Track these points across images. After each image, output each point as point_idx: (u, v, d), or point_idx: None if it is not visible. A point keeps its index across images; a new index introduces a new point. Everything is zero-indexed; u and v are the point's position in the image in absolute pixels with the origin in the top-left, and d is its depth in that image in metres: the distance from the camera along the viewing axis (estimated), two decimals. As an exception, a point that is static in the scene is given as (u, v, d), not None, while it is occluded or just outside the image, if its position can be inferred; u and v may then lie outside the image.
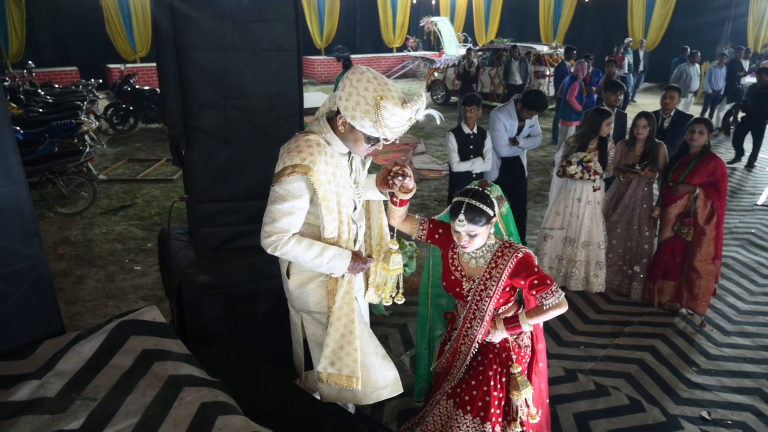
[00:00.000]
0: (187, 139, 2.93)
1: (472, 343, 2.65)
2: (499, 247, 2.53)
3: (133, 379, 2.23)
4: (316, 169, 2.33)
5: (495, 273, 2.51)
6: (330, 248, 2.46)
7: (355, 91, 2.21)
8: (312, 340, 2.72)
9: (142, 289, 5.27)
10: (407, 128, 2.33)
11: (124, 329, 2.50)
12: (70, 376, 2.24)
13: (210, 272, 3.03)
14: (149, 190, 8.25)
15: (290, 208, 2.37)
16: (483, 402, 2.61)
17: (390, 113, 2.20)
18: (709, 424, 3.47)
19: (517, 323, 2.57)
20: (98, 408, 2.08)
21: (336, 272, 2.50)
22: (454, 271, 2.64)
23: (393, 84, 2.29)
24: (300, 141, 2.38)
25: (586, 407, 3.60)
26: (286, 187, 2.35)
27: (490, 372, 2.63)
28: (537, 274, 2.47)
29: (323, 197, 2.38)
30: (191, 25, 2.77)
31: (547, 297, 2.46)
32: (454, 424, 2.63)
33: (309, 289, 2.59)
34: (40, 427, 2.00)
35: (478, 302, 2.57)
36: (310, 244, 2.43)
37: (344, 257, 2.48)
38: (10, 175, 2.31)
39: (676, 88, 5.61)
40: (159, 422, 2.02)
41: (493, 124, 5.19)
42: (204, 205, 3.14)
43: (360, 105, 2.21)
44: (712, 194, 4.32)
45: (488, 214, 2.41)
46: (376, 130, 2.24)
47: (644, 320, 4.62)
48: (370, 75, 2.25)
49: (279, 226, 2.38)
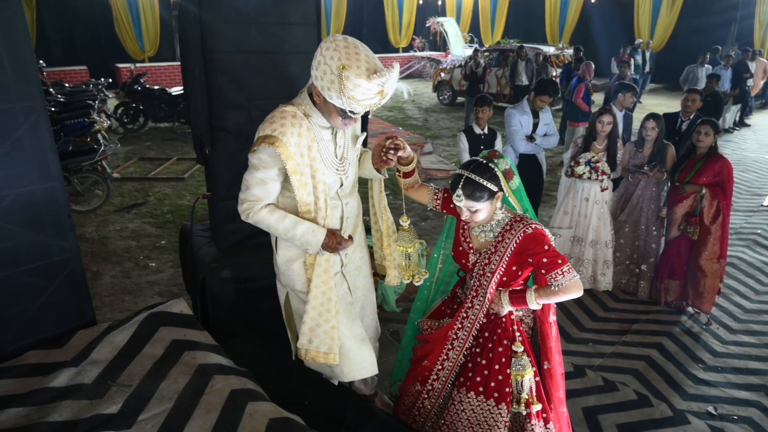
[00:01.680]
0: (212, 138, 3.03)
1: (472, 326, 2.52)
2: (509, 222, 2.39)
3: (165, 368, 2.34)
4: (285, 141, 2.27)
5: (500, 248, 2.37)
6: (304, 223, 2.41)
7: (323, 60, 2.11)
8: (297, 314, 2.71)
9: (157, 285, 5.37)
10: (377, 101, 2.18)
11: (153, 320, 2.60)
12: (104, 364, 2.35)
13: (232, 267, 3.14)
14: (161, 188, 8.35)
15: (262, 178, 2.35)
16: (496, 382, 2.47)
17: (353, 84, 2.07)
18: (716, 419, 3.54)
19: (523, 298, 2.40)
20: (134, 394, 2.19)
21: (310, 248, 2.45)
22: (462, 242, 2.53)
23: (368, 53, 2.15)
24: (276, 112, 2.34)
25: (594, 402, 3.68)
26: (258, 155, 2.32)
27: (500, 348, 2.49)
28: (547, 252, 2.29)
29: (293, 170, 2.32)
30: (217, 29, 2.87)
31: (557, 277, 2.27)
32: (467, 408, 2.51)
33: (295, 267, 2.56)
34: (80, 411, 2.10)
35: (480, 277, 2.45)
36: (284, 216, 2.39)
37: (318, 234, 2.41)
38: (48, 173, 2.42)
39: (698, 91, 5.66)
40: (192, 408, 2.12)
41: (509, 120, 5.26)
42: (227, 202, 3.24)
43: (326, 74, 2.10)
44: (718, 194, 4.40)
45: (489, 189, 2.29)
46: (342, 101, 2.13)
47: (651, 318, 4.70)
48: (340, 43, 2.12)
49: (252, 193, 2.37)
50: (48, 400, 2.15)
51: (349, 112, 2.19)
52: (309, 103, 2.36)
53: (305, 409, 2.25)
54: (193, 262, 3.36)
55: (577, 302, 4.90)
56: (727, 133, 12.20)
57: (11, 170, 2.32)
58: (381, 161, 2.45)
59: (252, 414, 2.08)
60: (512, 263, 2.38)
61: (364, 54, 2.12)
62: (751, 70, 12.84)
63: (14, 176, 2.33)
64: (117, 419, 2.07)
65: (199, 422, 2.05)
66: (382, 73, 2.08)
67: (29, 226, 2.43)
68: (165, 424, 2.05)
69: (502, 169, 2.37)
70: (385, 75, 2.08)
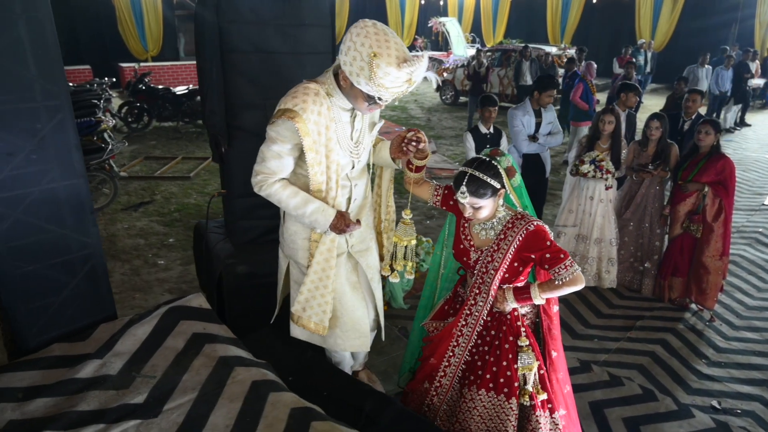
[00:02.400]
0: (228, 137, 3.10)
1: (476, 322, 2.55)
2: (511, 219, 2.42)
3: (187, 360, 2.41)
4: (305, 117, 2.29)
5: (503, 245, 2.40)
6: (315, 202, 2.43)
7: (353, 45, 2.12)
8: (294, 283, 2.75)
9: (167, 282, 5.43)
10: (405, 89, 2.21)
11: (173, 314, 2.67)
12: (128, 356, 2.41)
13: (248, 263, 3.21)
14: (167, 187, 8.40)
15: (278, 151, 2.37)
16: (505, 378, 2.51)
17: (384, 72, 2.09)
18: (719, 412, 3.60)
19: (528, 294, 2.44)
20: (158, 385, 2.26)
21: (317, 227, 2.47)
22: (463, 240, 2.55)
23: (397, 40, 2.17)
24: (299, 87, 2.36)
25: (601, 396, 3.74)
26: (276, 128, 2.35)
27: (506, 345, 2.53)
28: (549, 248, 2.34)
29: (309, 147, 2.34)
30: (235, 30, 2.94)
31: (560, 272, 2.32)
32: (479, 405, 2.55)
33: (299, 240, 2.60)
34: (107, 401, 2.17)
35: (483, 275, 2.48)
36: (296, 192, 2.42)
37: (327, 214, 2.43)
38: (73, 169, 2.49)
39: (699, 92, 5.73)
40: (216, 397, 2.19)
41: (511, 120, 5.32)
42: (242, 199, 3.31)
43: (356, 61, 2.12)
44: (721, 192, 4.47)
45: (493, 186, 2.31)
46: (371, 88, 2.15)
47: (655, 315, 4.76)
48: (371, 29, 2.13)
49: (267, 166, 2.39)
50: (75, 391, 2.22)
51: (377, 99, 2.22)
52: (333, 84, 2.37)
53: (324, 401, 2.31)
54: (209, 258, 3.43)
55: (582, 299, 4.97)
56: (728, 132, 12.28)
57: (37, 167, 2.38)
58: (400, 151, 2.50)
59: (274, 404, 2.15)
60: (515, 260, 2.42)
61: (394, 41, 2.14)
62: (752, 70, 12.92)
63: (40, 173, 2.40)
64: (143, 408, 2.14)
65: (223, 411, 2.12)
66: (412, 63, 2.11)
67: (54, 222, 2.50)
68: (190, 412, 2.12)
69: (504, 167, 2.41)
70: (414, 64, 2.11)
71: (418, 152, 2.49)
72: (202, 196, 7.90)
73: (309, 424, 2.05)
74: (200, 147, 10.73)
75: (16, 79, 2.27)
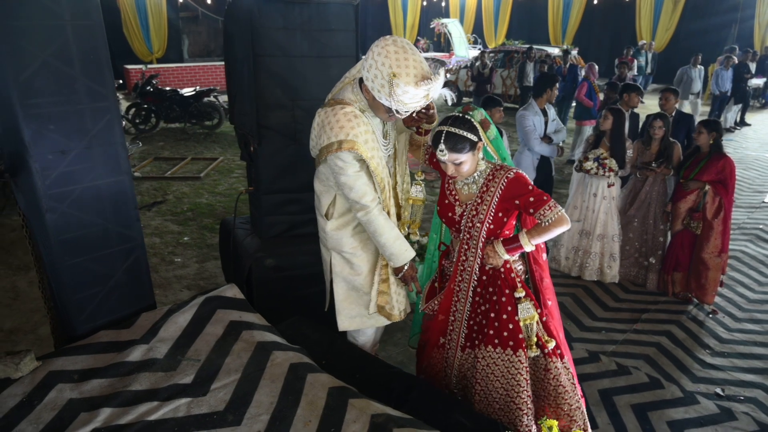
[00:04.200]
0: (259, 137, 3.27)
1: (470, 277, 2.60)
2: (491, 171, 2.49)
3: (227, 344, 2.57)
4: (361, 140, 2.46)
5: (486, 197, 2.47)
6: (403, 240, 2.65)
7: (375, 64, 2.27)
8: (338, 276, 2.86)
9: (185, 279, 5.58)
10: (423, 103, 2.37)
11: (211, 303, 2.84)
12: (172, 341, 2.58)
13: (276, 256, 3.38)
14: (178, 187, 8.54)
15: (355, 173, 2.52)
16: (508, 331, 2.56)
17: (402, 90, 2.23)
18: (723, 399, 3.74)
19: (517, 243, 2.48)
20: (203, 367, 2.43)
21: (393, 261, 2.68)
22: (448, 195, 2.62)
23: (416, 56, 2.30)
24: (339, 114, 2.48)
25: (609, 384, 3.89)
26: (341, 157, 2.48)
27: (504, 298, 2.57)
28: (531, 192, 2.40)
29: (375, 166, 2.54)
30: (266, 35, 3.11)
31: (545, 213, 2.37)
32: (491, 363, 2.60)
33: (345, 232, 2.75)
34: (157, 381, 2.34)
35: (470, 229, 2.54)
36: (392, 227, 2.63)
37: (408, 254, 2.67)
38: (119, 167, 2.66)
39: (673, 90, 5.88)
40: (258, 378, 2.36)
41: (522, 121, 5.41)
42: (270, 195, 3.48)
43: (377, 78, 2.27)
44: (720, 191, 4.63)
45: (471, 140, 2.37)
46: (391, 103, 2.30)
47: (660, 308, 4.92)
48: (391, 48, 2.27)
49: (359, 190, 2.54)
50: (126, 373, 2.38)
51: (396, 112, 2.38)
52: (362, 99, 2.54)
53: (356, 382, 2.47)
54: (237, 252, 3.60)
55: (589, 294, 5.13)
56: (728, 132, 12.43)
57: (88, 164, 2.55)
58: (411, 119, 2.63)
59: (313, 383, 2.32)
60: (499, 210, 2.48)
61: (413, 59, 2.28)
62: (751, 71, 13.09)
63: (89, 170, 2.57)
64: (192, 388, 2.30)
65: (266, 390, 2.29)
66: (429, 81, 2.26)
67: (101, 216, 2.66)
68: (236, 391, 2.28)
69: (478, 120, 2.47)
70: (432, 83, 2.26)
71: (428, 118, 2.63)
72: (213, 195, 8.05)
73: (347, 401, 2.22)
74: (208, 148, 10.89)
75: (69, 83, 2.44)
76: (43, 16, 2.34)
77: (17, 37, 2.26)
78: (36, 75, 2.34)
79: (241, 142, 3.48)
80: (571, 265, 5.39)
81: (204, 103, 11.85)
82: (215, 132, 12.01)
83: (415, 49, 2.34)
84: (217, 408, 2.19)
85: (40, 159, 2.38)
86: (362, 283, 2.83)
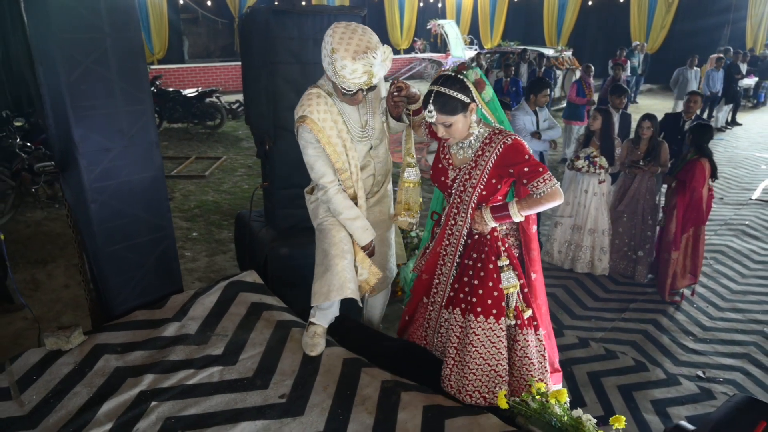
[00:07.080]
0: (274, 136, 3.56)
1: (458, 241, 2.53)
2: (489, 135, 2.37)
3: (251, 322, 2.87)
4: (314, 117, 2.52)
5: (480, 162, 2.35)
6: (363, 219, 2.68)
7: (324, 44, 2.37)
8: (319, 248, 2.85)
9: (195, 272, 5.83)
10: (366, 80, 2.37)
11: (233, 287, 3.13)
12: (201, 320, 2.87)
13: (290, 246, 3.67)
14: (184, 185, 8.76)
15: (315, 153, 2.60)
16: (492, 299, 2.47)
17: (341, 65, 2.29)
18: (704, 381, 4.00)
19: (506, 212, 2.39)
20: (231, 341, 2.72)
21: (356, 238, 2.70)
22: (442, 159, 2.54)
23: (364, 36, 2.35)
24: (303, 96, 2.61)
25: (598, 368, 4.14)
26: (300, 136, 2.60)
27: (490, 265, 2.48)
28: (528, 161, 2.28)
29: (326, 142, 2.55)
30: (281, 44, 3.40)
31: (539, 185, 2.27)
32: (470, 333, 2.50)
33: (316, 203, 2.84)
34: (191, 353, 2.63)
35: (461, 193, 2.44)
36: (351, 206, 2.66)
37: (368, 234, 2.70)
38: (153, 163, 2.95)
39: (700, 93, 6.16)
40: (280, 350, 2.65)
41: (515, 119, 5.65)
42: (284, 190, 3.78)
43: (326, 58, 2.38)
44: (679, 189, 4.94)
45: (461, 101, 2.24)
46: (336, 80, 2.38)
47: (648, 298, 5.17)
48: (339, 29, 2.33)
49: (318, 170, 2.62)
50: (163, 346, 2.67)
51: (342, 89, 2.44)
52: (329, 84, 2.60)
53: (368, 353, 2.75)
54: (253, 244, 3.88)
55: (580, 285, 5.40)
56: (719, 131, 12.72)
57: (127, 160, 2.84)
58: (393, 107, 2.64)
59: (329, 355, 2.61)
60: (492, 176, 2.37)
61: (358, 38, 2.34)
62: (742, 72, 13.38)
63: (128, 165, 2.86)
64: (223, 358, 2.60)
65: (288, 360, 2.58)
66: (365, 56, 2.30)
67: (137, 207, 2.95)
68: (262, 361, 2.58)
69: (472, 80, 2.32)
70: (368, 57, 2.30)
71: (409, 98, 2.62)
72: (218, 193, 8.30)
73: (360, 369, 2.51)
74: (211, 147, 11.12)
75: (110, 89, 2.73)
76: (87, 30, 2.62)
77: (68, 47, 2.54)
78: (83, 79, 2.62)
79: (257, 141, 3.77)
80: (564, 259, 5.68)
81: (206, 103, 12.04)
82: (217, 132, 12.23)
83: (370, 33, 2.42)
84: (246, 375, 2.48)
85: (87, 156, 2.67)
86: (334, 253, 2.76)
